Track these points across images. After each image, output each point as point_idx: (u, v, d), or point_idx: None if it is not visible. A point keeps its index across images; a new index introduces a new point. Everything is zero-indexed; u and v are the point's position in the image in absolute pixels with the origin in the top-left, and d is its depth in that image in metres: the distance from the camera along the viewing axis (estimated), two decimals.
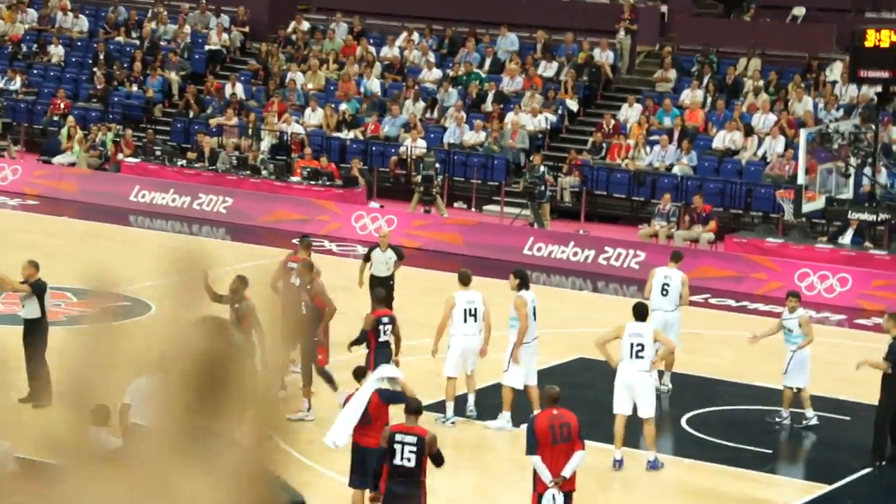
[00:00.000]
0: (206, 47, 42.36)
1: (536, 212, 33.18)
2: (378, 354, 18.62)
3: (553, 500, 14.79)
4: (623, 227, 33.67)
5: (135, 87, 40.91)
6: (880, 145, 28.47)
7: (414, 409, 14.56)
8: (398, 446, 14.19)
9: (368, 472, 14.97)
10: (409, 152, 36.17)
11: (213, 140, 37.40)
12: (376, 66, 39.89)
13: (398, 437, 14.25)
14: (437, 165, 34.65)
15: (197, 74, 41.48)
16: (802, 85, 35.78)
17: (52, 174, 36.71)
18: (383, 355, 18.66)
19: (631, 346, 17.91)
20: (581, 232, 32.55)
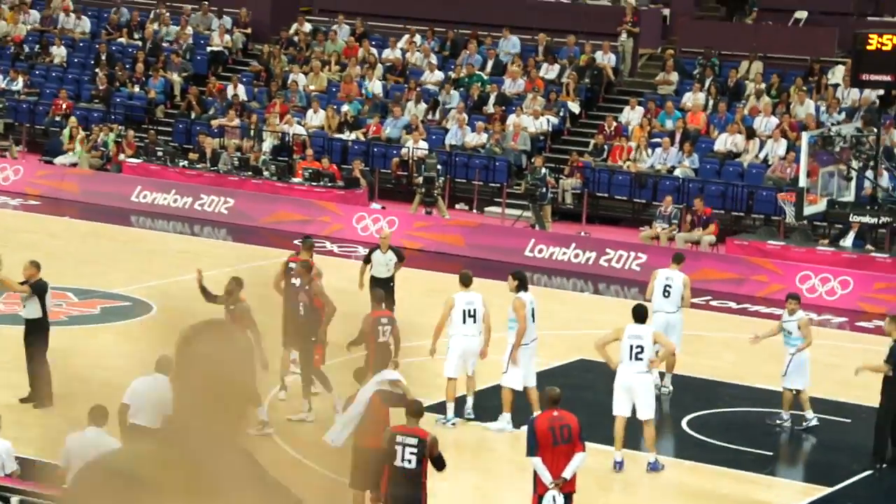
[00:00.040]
0: (209, 48, 42.37)
1: (538, 213, 33.18)
2: (377, 355, 18.59)
3: (553, 501, 14.80)
4: (624, 229, 33.68)
5: (137, 88, 40.91)
6: (882, 148, 28.46)
7: (415, 410, 14.56)
8: (399, 447, 14.19)
9: (369, 473, 14.97)
10: (411, 154, 36.17)
11: (214, 141, 37.40)
12: (378, 67, 39.89)
13: (399, 438, 14.25)
14: (438, 167, 34.64)
15: (199, 75, 41.49)
16: (804, 88, 35.77)
17: (54, 174, 36.71)
18: (382, 356, 18.65)
19: (630, 348, 17.92)
20: (582, 234, 32.54)
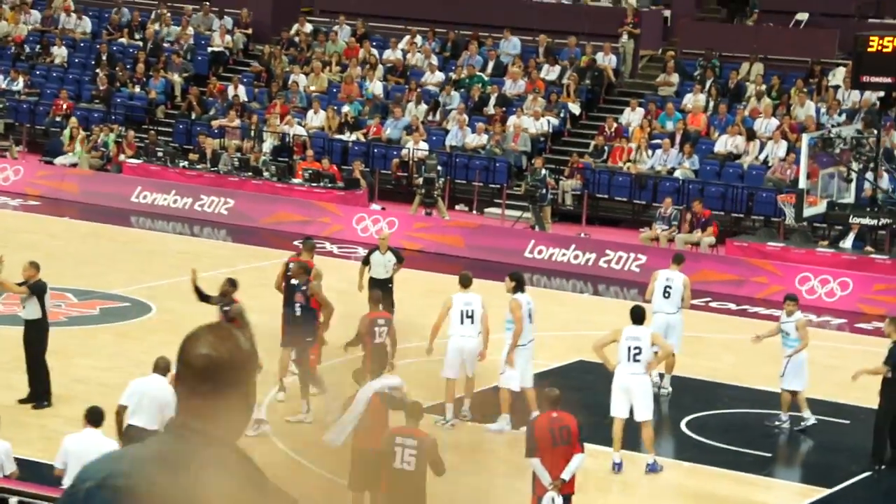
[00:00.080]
0: (209, 49, 42.37)
1: (538, 215, 33.18)
2: (374, 356, 18.60)
3: (552, 502, 14.81)
4: (624, 231, 33.69)
5: (137, 89, 40.92)
6: (882, 150, 28.48)
7: (415, 412, 14.56)
8: (398, 449, 14.18)
9: (368, 474, 14.97)
10: (411, 155, 36.18)
11: (215, 141, 37.41)
12: (379, 68, 39.90)
13: (398, 439, 14.24)
14: (438, 168, 34.64)
15: (200, 76, 41.50)
16: (805, 90, 35.76)
17: (54, 175, 36.71)
18: (379, 357, 18.65)
19: (628, 349, 17.91)
20: (582, 235, 32.54)
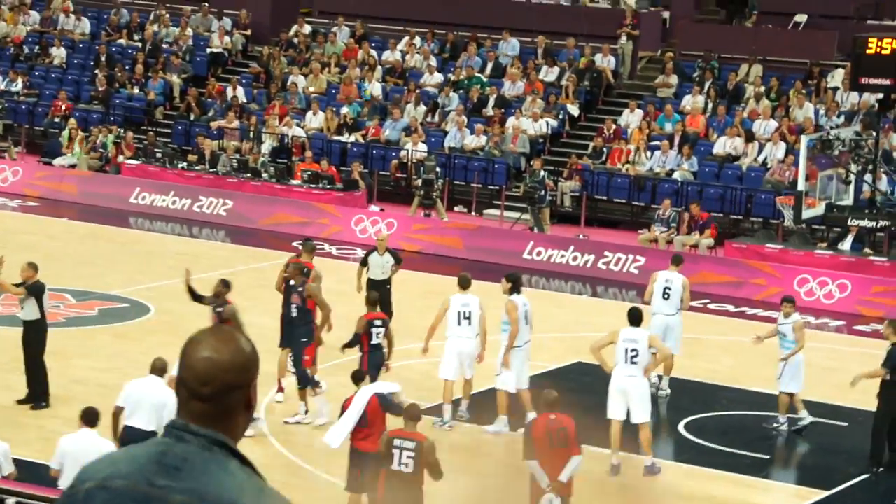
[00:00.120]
0: (208, 50, 42.37)
1: (536, 216, 33.18)
2: (370, 357, 18.61)
3: None
4: (623, 232, 33.69)
5: (136, 90, 40.91)
6: (881, 152, 28.44)
7: (413, 414, 14.56)
8: (396, 451, 14.19)
9: (365, 476, 14.98)
10: (410, 156, 36.18)
11: (213, 143, 37.40)
12: (378, 69, 39.90)
13: (397, 441, 14.24)
14: (437, 169, 34.64)
15: (198, 77, 41.50)
16: (803, 91, 35.76)
17: (53, 176, 36.71)
18: (375, 358, 18.66)
19: (625, 351, 17.90)
20: (581, 236, 32.54)
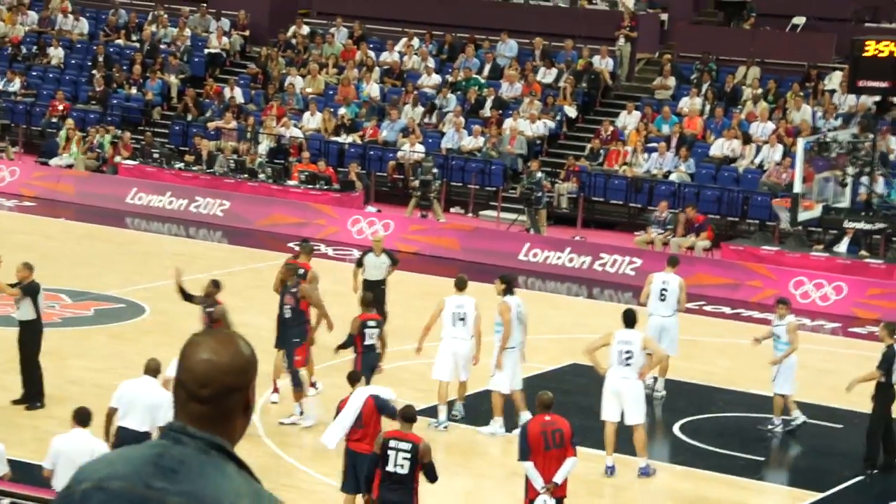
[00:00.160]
0: (206, 51, 42.37)
1: (533, 217, 33.19)
2: (364, 358, 18.62)
3: None
4: (620, 234, 33.69)
5: (134, 90, 40.92)
6: (878, 155, 28.46)
7: (409, 416, 14.55)
8: (392, 452, 14.19)
9: (360, 477, 14.98)
10: (407, 157, 36.19)
11: (211, 143, 37.41)
12: (376, 70, 39.91)
13: (392, 443, 14.24)
14: (434, 170, 34.66)
15: (196, 78, 41.50)
16: (801, 94, 35.77)
17: (50, 176, 36.72)
18: (369, 359, 18.67)
19: (620, 353, 17.90)
20: (577, 238, 32.54)
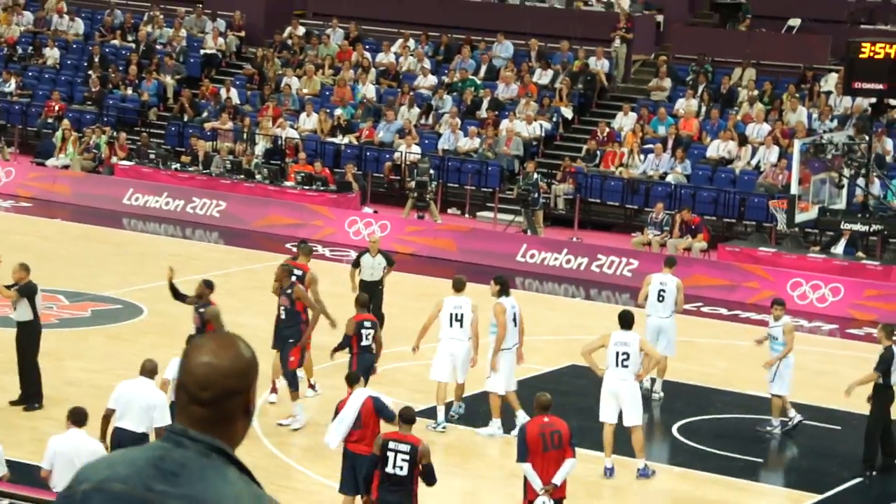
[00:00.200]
0: (202, 51, 42.34)
1: (530, 219, 33.18)
2: (360, 359, 18.62)
3: None
4: (616, 235, 33.69)
5: (130, 91, 40.88)
6: (874, 156, 28.47)
7: (408, 417, 14.54)
8: (391, 454, 14.18)
9: (359, 478, 14.97)
10: (404, 158, 36.18)
11: (207, 144, 37.40)
12: (372, 71, 39.90)
13: (391, 444, 14.23)
14: (431, 171, 34.65)
15: (192, 78, 41.48)
16: (797, 95, 35.80)
17: (46, 176, 36.69)
18: (365, 360, 18.66)
19: (616, 354, 17.90)
20: (574, 239, 32.55)
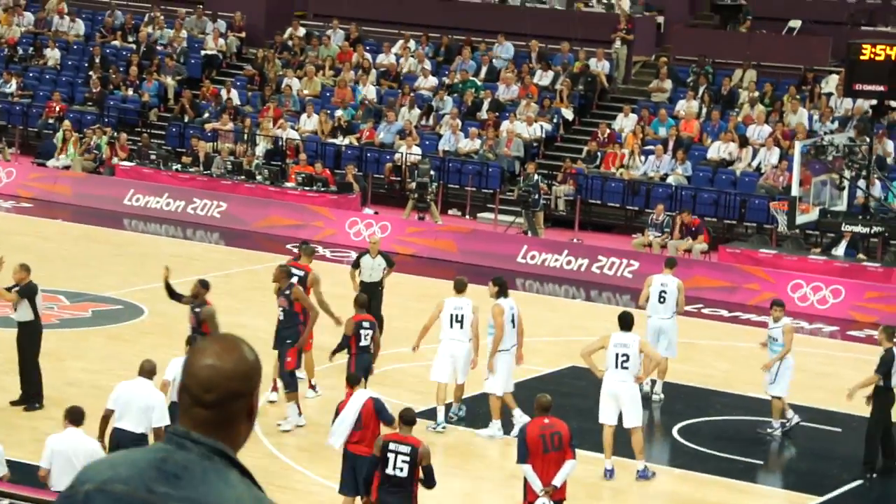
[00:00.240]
0: (203, 52, 42.35)
1: (530, 220, 33.18)
2: (358, 359, 18.62)
3: None
4: (617, 237, 33.68)
5: (130, 91, 40.88)
6: (874, 158, 28.46)
7: (408, 419, 14.54)
8: (391, 455, 14.17)
9: (359, 479, 14.97)
10: (404, 159, 36.18)
11: (208, 145, 37.40)
12: (372, 72, 39.90)
13: (392, 445, 14.22)
14: (431, 172, 34.65)
15: (193, 79, 41.48)
16: (798, 97, 35.80)
17: (47, 177, 36.69)
18: (363, 360, 18.66)
19: (616, 356, 17.89)
20: (575, 240, 32.53)
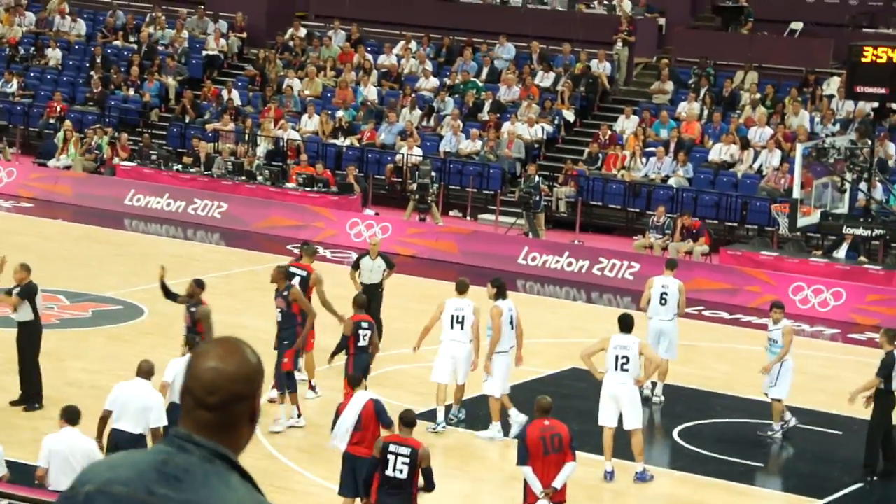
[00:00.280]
0: (204, 52, 42.34)
1: (531, 221, 33.16)
2: (356, 360, 18.62)
3: None
4: (618, 238, 33.66)
5: (132, 92, 40.87)
6: (876, 160, 28.44)
7: (408, 420, 14.52)
8: (391, 457, 14.15)
9: (359, 481, 14.95)
10: (405, 160, 36.16)
11: (209, 145, 37.39)
12: (373, 73, 39.89)
13: (392, 447, 14.21)
14: (432, 173, 34.64)
15: (194, 79, 41.47)
16: (799, 99, 35.77)
17: (48, 177, 36.68)
18: (361, 361, 18.65)
19: (616, 358, 17.87)
20: (576, 242, 32.51)
